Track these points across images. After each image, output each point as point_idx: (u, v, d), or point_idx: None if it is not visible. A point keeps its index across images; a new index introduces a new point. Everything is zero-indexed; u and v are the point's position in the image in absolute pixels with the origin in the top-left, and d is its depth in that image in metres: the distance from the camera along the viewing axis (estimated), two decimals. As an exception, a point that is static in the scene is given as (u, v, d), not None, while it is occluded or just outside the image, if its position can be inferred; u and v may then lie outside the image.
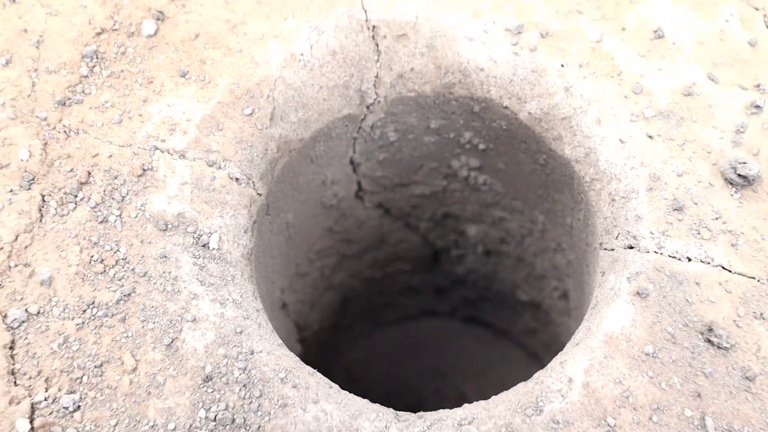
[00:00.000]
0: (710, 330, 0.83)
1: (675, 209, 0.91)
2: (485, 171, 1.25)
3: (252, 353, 0.84)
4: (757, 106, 0.94)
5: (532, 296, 1.50)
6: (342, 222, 1.37)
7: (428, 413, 0.86)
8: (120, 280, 0.86)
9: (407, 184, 1.33)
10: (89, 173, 0.91)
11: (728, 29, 1.00)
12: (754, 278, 0.87)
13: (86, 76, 0.96)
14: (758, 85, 0.96)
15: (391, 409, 0.86)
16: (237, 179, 0.94)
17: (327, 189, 1.25)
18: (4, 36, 0.97)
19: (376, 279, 1.62)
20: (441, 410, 0.86)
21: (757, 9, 1.00)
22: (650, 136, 0.95)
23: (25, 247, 0.87)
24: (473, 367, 1.79)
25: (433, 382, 1.79)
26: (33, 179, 0.90)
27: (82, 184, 0.90)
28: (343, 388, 0.88)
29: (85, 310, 0.84)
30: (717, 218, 0.90)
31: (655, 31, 1.00)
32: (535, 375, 0.87)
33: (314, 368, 0.89)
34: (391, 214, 1.43)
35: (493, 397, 0.87)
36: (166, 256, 0.88)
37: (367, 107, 1.08)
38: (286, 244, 1.22)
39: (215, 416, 0.80)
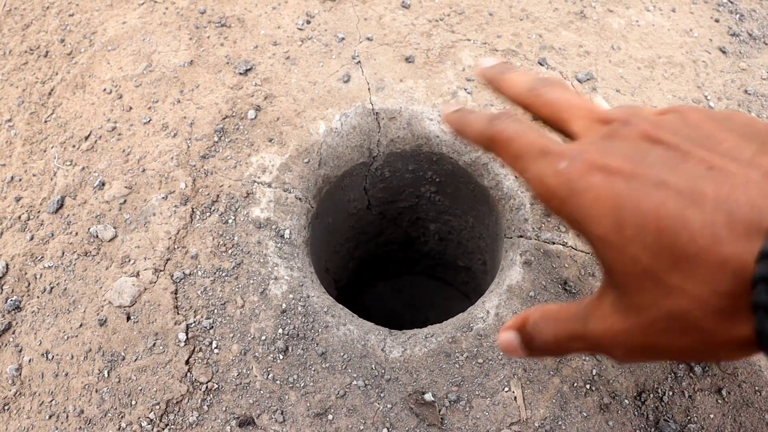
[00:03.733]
0: (566, 283, 0.84)
1: (546, 215, 0.91)
2: (440, 193, 1.25)
3: (308, 297, 0.85)
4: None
5: (465, 263, 1.50)
6: (359, 222, 1.37)
7: (408, 330, 0.86)
8: (234, 255, 0.87)
9: (395, 201, 1.32)
10: (218, 196, 0.91)
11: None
12: (588, 253, 0.87)
13: (217, 142, 0.96)
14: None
15: (386, 328, 0.86)
16: (299, 199, 0.95)
17: (350, 204, 1.24)
18: (173, 121, 0.98)
19: (378, 253, 1.61)
20: (415, 329, 0.86)
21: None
22: (532, 175, 0.94)
23: (183, 237, 0.88)
24: (433, 303, 1.78)
25: (410, 312, 1.79)
26: (187, 199, 0.91)
27: (213, 202, 0.91)
28: (360, 317, 0.88)
29: (215, 273, 0.86)
30: (568, 221, 0.90)
31: (534, 116, 0.99)
32: (468, 309, 0.87)
33: (344, 305, 0.89)
34: (387, 218, 1.42)
35: (444, 321, 0.87)
36: (260, 242, 0.88)
37: (373, 158, 1.09)
38: (328, 235, 1.22)
39: (288, 332, 0.81)
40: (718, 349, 0.33)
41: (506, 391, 0.75)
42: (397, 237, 1.56)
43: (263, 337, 0.80)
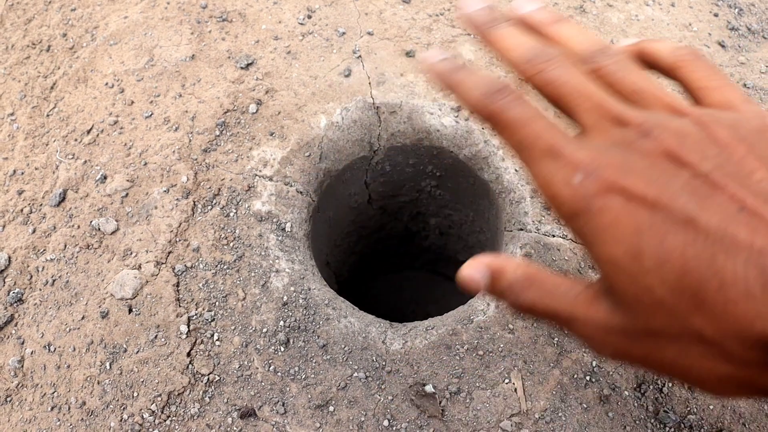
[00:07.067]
0: (565, 275, 0.83)
1: (546, 208, 0.90)
2: (440, 187, 1.24)
3: (309, 290, 0.84)
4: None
5: (466, 258, 1.48)
6: (360, 217, 1.36)
7: (408, 323, 0.86)
8: (235, 248, 0.86)
9: (396, 195, 1.31)
10: (219, 189, 0.91)
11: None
12: (588, 247, 0.86)
13: (218, 135, 0.96)
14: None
15: (387, 321, 0.86)
16: (301, 192, 0.94)
17: (351, 198, 1.24)
18: (175, 115, 0.98)
19: (379, 248, 1.61)
20: (416, 321, 0.86)
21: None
22: (532, 168, 0.93)
23: (184, 230, 0.88)
24: (433, 297, 1.77)
25: (411, 306, 1.78)
26: (189, 193, 0.90)
27: (215, 195, 0.90)
28: (361, 310, 0.87)
29: (216, 265, 0.85)
30: (568, 214, 0.89)
31: (534, 110, 0.98)
32: (468, 301, 0.87)
33: (345, 298, 0.89)
34: (387, 212, 1.42)
35: (445, 314, 0.86)
36: (261, 235, 0.88)
37: (374, 152, 1.08)
38: (329, 229, 1.22)
39: (289, 324, 0.81)
40: (727, 386, 0.33)
41: (507, 383, 0.75)
42: (398, 231, 1.55)
43: (264, 330, 0.79)
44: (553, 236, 0.87)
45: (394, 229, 1.53)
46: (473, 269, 0.42)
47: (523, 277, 0.40)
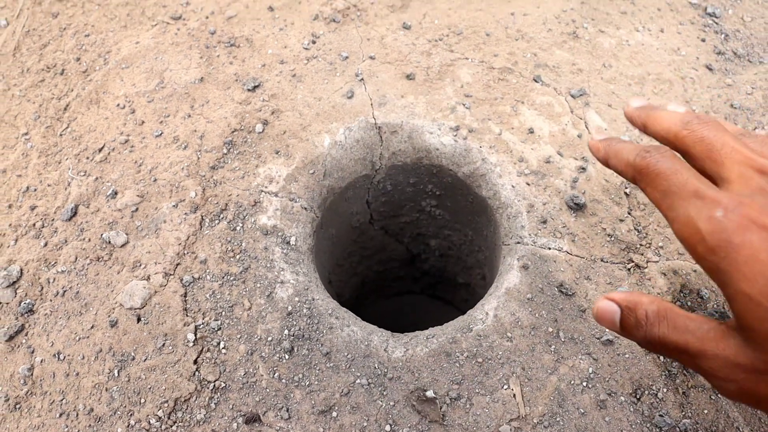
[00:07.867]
0: (561, 285, 0.86)
1: (541, 222, 0.93)
2: (440, 207, 1.27)
3: (313, 300, 0.86)
4: (583, 168, 0.97)
5: (465, 280, 1.50)
6: (362, 237, 1.38)
7: (409, 332, 0.88)
8: (242, 261, 0.89)
9: (397, 215, 1.33)
10: (226, 204, 0.93)
11: (567, 129, 1.01)
12: (583, 258, 0.89)
13: (226, 154, 0.99)
14: (583, 158, 0.98)
15: (389, 331, 0.87)
16: (305, 208, 0.97)
17: (353, 217, 1.26)
18: (184, 134, 1.01)
19: (380, 270, 1.62)
20: (417, 331, 0.87)
21: (580, 118, 1.03)
22: (528, 184, 0.97)
23: (192, 243, 0.90)
24: (432, 320, 1.77)
25: (410, 330, 1.78)
26: (197, 207, 0.93)
27: (222, 210, 0.93)
28: (362, 320, 0.89)
29: (223, 277, 0.87)
30: (564, 227, 0.92)
31: (529, 129, 1.01)
32: (468, 311, 0.89)
33: (347, 309, 0.90)
34: (389, 233, 1.44)
35: (445, 323, 0.88)
36: (267, 248, 0.90)
37: (375, 171, 1.11)
38: (331, 247, 1.23)
39: (294, 333, 0.83)
40: None
41: (505, 389, 0.76)
42: (399, 254, 1.57)
43: (269, 338, 0.81)
44: (549, 249, 0.89)
45: (396, 251, 1.55)
46: (608, 303, 0.43)
47: (656, 312, 0.41)
